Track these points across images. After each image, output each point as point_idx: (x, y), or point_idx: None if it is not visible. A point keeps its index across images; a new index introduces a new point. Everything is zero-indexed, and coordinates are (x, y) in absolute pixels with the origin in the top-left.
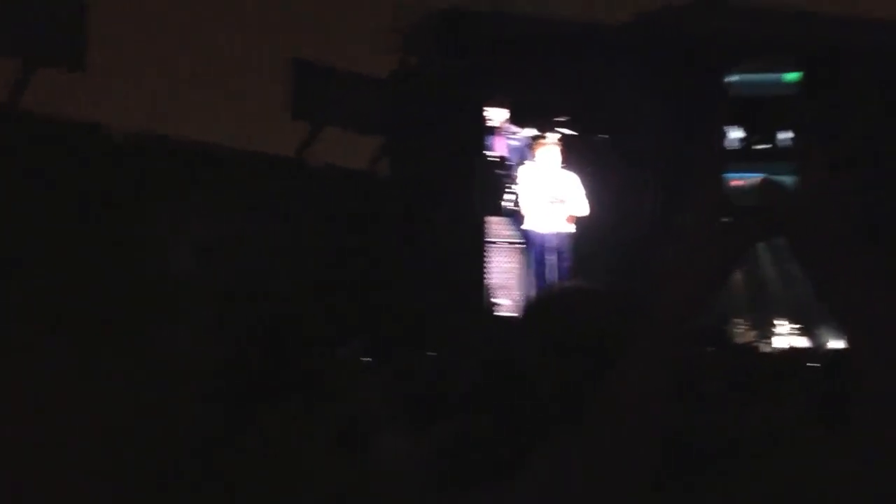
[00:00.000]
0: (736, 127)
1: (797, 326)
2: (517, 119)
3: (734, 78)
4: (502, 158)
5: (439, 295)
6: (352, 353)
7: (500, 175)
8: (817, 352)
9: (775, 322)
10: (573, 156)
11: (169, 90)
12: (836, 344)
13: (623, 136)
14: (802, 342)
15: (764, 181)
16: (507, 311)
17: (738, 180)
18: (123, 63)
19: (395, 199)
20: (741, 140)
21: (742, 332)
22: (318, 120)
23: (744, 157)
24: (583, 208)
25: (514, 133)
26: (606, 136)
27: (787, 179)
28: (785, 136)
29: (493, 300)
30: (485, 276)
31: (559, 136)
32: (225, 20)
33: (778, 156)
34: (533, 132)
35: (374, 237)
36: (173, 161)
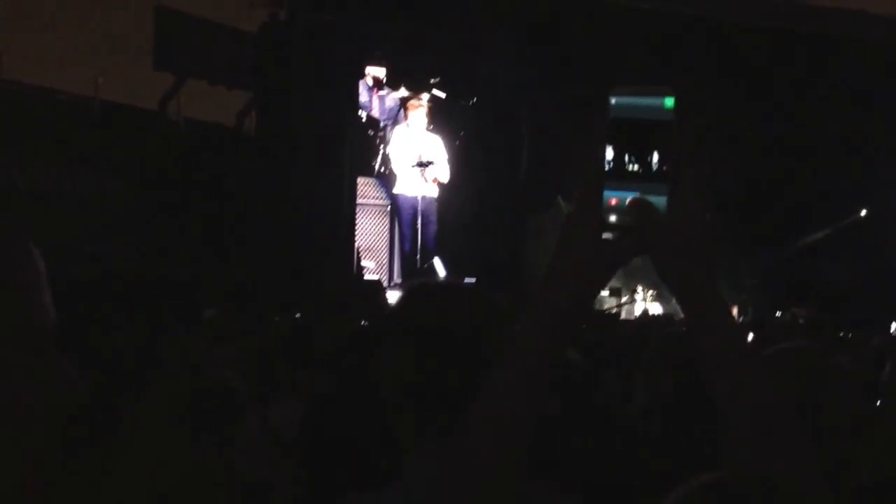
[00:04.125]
0: (612, 147)
1: (654, 293)
2: (392, 78)
3: (614, 100)
4: (373, 119)
5: (306, 256)
6: (214, 317)
7: (370, 136)
8: (673, 319)
9: (636, 289)
10: (441, 118)
11: (24, 34)
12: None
13: (493, 102)
14: (658, 308)
15: (635, 200)
16: (373, 274)
17: (612, 198)
18: None
19: (261, 157)
20: (616, 160)
21: (604, 298)
22: (182, 72)
23: (618, 177)
24: (445, 173)
25: (384, 94)
26: (475, 101)
27: (658, 200)
28: (657, 158)
29: (360, 262)
30: (353, 237)
31: (430, 97)
32: None
33: (650, 177)
34: (404, 93)
35: (240, 196)
36: (23, 108)
